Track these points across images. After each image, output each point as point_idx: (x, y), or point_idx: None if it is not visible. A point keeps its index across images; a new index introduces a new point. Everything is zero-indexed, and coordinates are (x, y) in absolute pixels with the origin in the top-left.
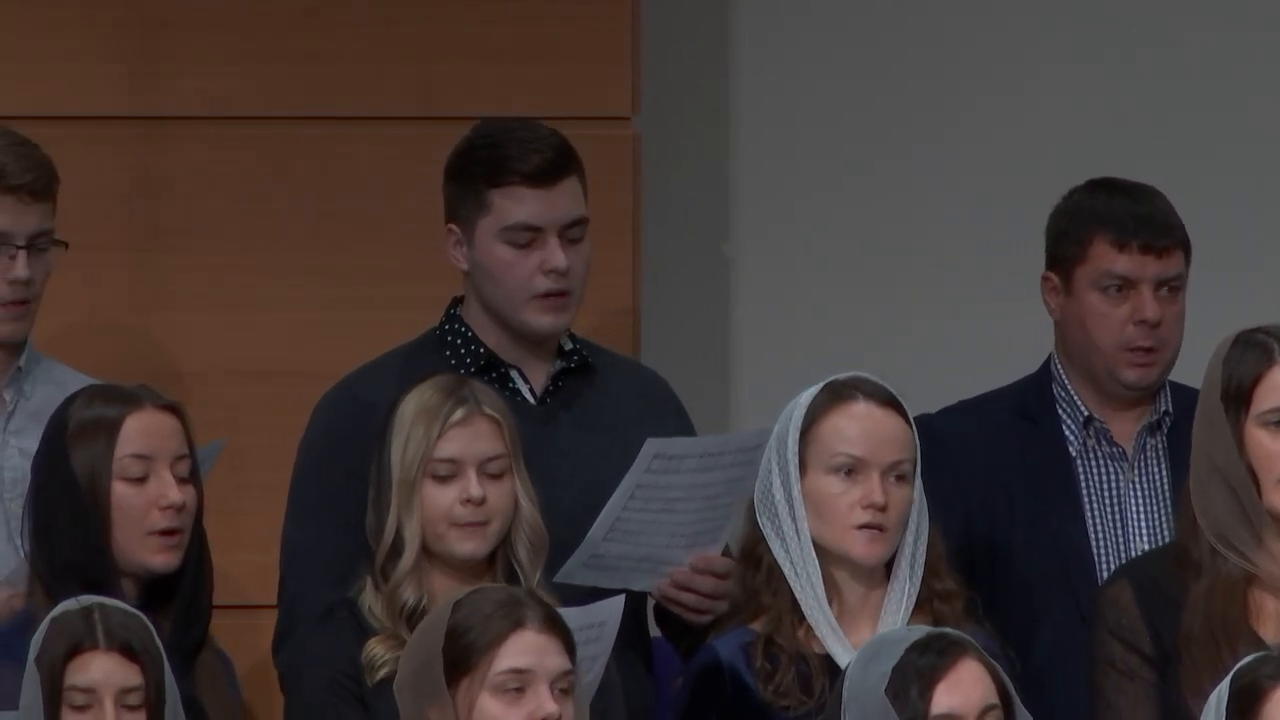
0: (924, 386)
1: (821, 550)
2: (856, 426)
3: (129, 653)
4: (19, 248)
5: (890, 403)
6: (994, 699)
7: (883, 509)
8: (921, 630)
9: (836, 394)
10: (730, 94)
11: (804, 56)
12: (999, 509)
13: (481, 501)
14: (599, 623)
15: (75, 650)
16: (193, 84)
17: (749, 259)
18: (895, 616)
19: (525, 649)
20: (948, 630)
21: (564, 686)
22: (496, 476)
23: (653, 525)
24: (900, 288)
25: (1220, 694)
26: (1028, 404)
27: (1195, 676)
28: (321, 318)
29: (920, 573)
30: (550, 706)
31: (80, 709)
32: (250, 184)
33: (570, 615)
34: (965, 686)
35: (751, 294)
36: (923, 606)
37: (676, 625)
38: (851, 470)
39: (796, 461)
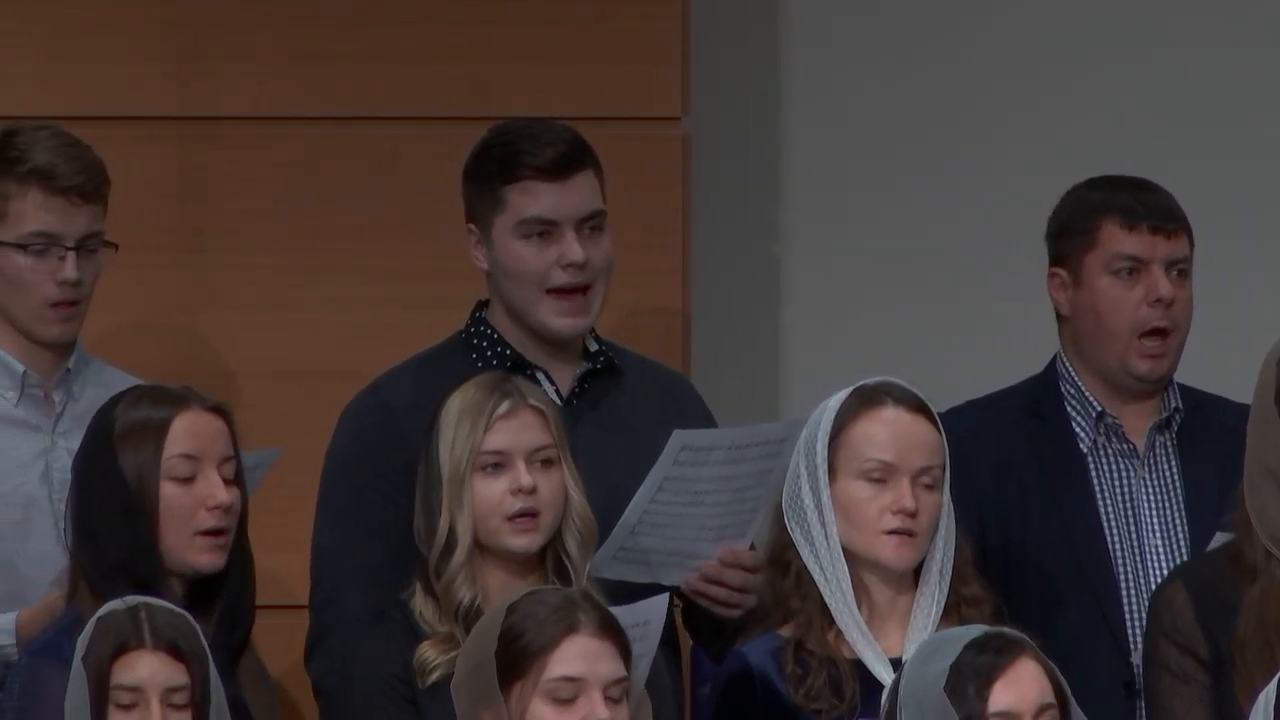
0: (976, 386)
1: (850, 555)
2: (886, 432)
3: (175, 652)
4: (68, 249)
5: (919, 408)
6: (1050, 698)
7: (913, 514)
8: (979, 629)
9: (866, 399)
10: (780, 94)
11: (854, 56)
12: (1012, 507)
13: (532, 490)
14: (643, 622)
15: (122, 649)
16: (241, 84)
17: (798, 259)
18: (925, 622)
19: (578, 655)
20: (1005, 629)
21: (615, 694)
22: (545, 467)
23: (681, 518)
24: (950, 288)
25: (1269, 695)
26: (1037, 402)
27: (1249, 680)
28: (370, 318)
29: (949, 578)
30: (602, 713)
31: (126, 708)
32: (298, 184)
33: (615, 614)
34: (1022, 685)
35: (801, 294)
36: (950, 612)
37: (705, 626)
38: (881, 476)
39: (826, 467)
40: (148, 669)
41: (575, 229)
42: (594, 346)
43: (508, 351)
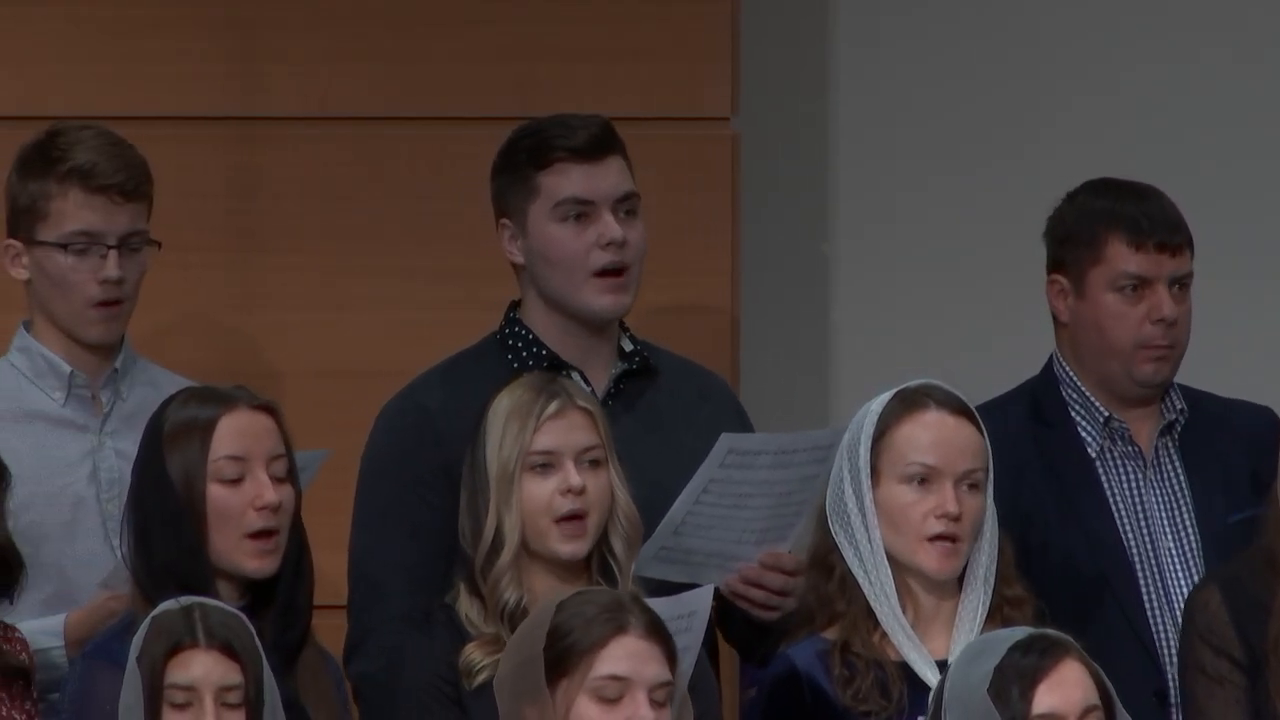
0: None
1: (894, 560)
2: (929, 435)
3: (229, 651)
4: (110, 248)
5: (962, 411)
6: (1095, 700)
7: (956, 519)
8: (1024, 630)
9: (908, 402)
10: (829, 93)
11: (902, 56)
12: (1030, 514)
13: (581, 491)
14: (688, 613)
15: (176, 649)
16: (290, 84)
17: (848, 259)
18: (970, 624)
19: (625, 655)
20: (1049, 631)
21: (660, 698)
22: (593, 468)
23: (724, 520)
24: (1000, 289)
25: None
26: (1040, 407)
27: None
28: (418, 318)
29: (993, 581)
30: (646, 714)
31: (180, 707)
32: (347, 184)
33: (660, 605)
34: (1067, 687)
35: (850, 294)
36: (993, 614)
37: (739, 630)
38: (924, 479)
39: (868, 470)
40: (201, 668)
41: (611, 209)
42: (629, 346)
43: (543, 351)
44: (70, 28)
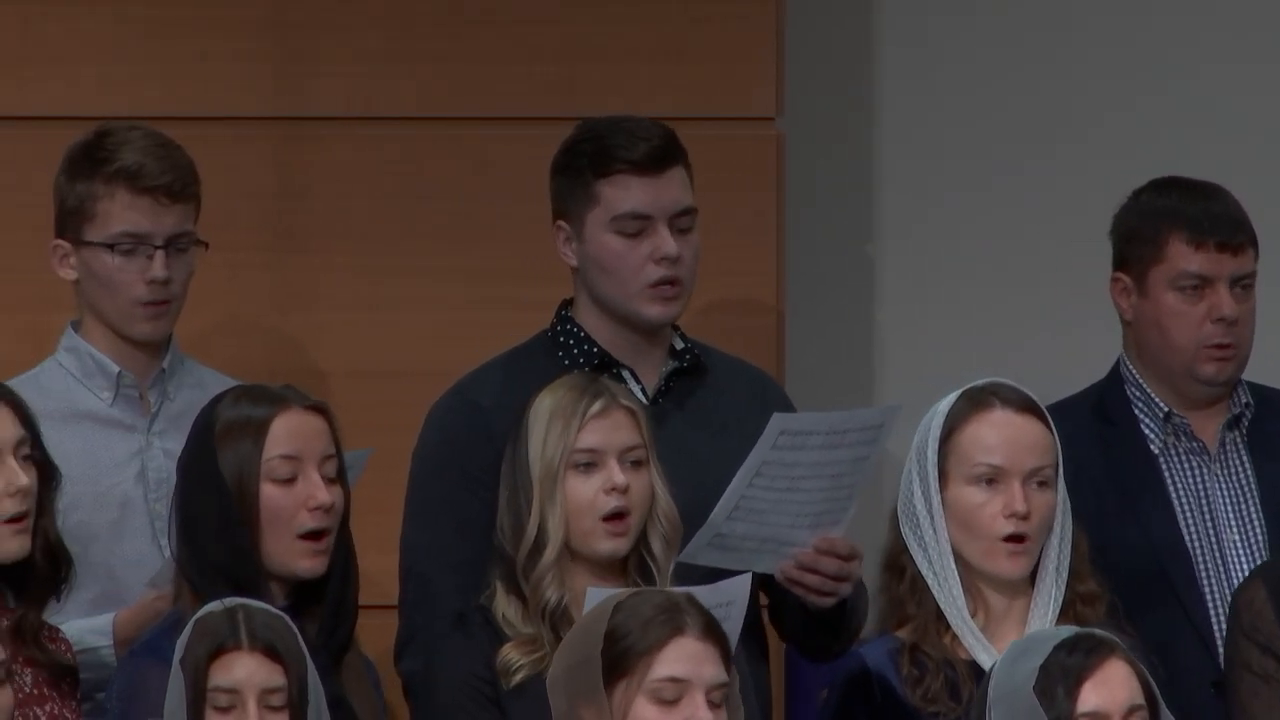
0: (1069, 388)
1: (966, 561)
2: (996, 434)
3: (272, 653)
4: (157, 248)
5: (1029, 408)
6: (1139, 699)
7: (1025, 517)
8: (1069, 630)
9: (974, 401)
10: (874, 94)
11: (948, 56)
12: (1089, 512)
13: (625, 489)
14: (727, 602)
15: (219, 650)
16: (336, 84)
17: (893, 259)
18: (1041, 623)
19: (683, 656)
20: (1094, 630)
21: (717, 699)
22: (635, 467)
23: (777, 504)
24: (1045, 289)
25: None
26: (1104, 406)
27: None
28: (464, 318)
29: (1065, 577)
30: (704, 715)
31: (224, 709)
32: (393, 184)
33: (698, 595)
34: (1111, 686)
35: (895, 294)
36: (1065, 610)
37: (793, 622)
38: (992, 479)
39: (936, 472)
40: (244, 670)
41: (668, 224)
42: (680, 345)
43: (594, 350)
44: (116, 29)
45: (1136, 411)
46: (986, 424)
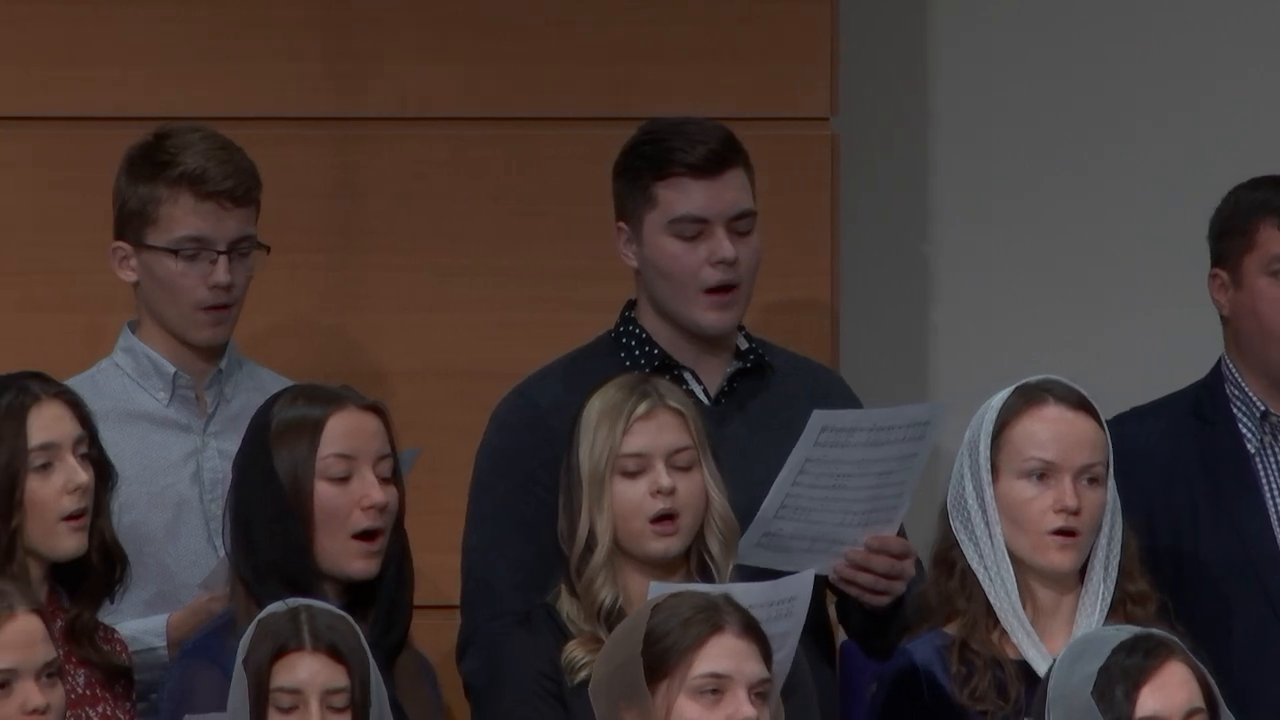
0: (1122, 387)
1: (1014, 556)
2: (1048, 430)
3: (335, 654)
4: (220, 253)
5: (1082, 405)
6: (1199, 702)
7: (1075, 513)
8: (1128, 631)
9: (1027, 397)
10: (928, 94)
11: (1001, 57)
12: (1181, 512)
13: (671, 492)
14: (789, 598)
15: (282, 651)
16: (391, 85)
17: (947, 259)
18: (1089, 620)
19: (724, 653)
20: (1154, 631)
21: (760, 692)
22: (685, 469)
23: (824, 502)
24: (1098, 288)
25: None
26: (1202, 405)
27: None
28: (519, 318)
29: (1114, 575)
30: (748, 710)
31: (286, 710)
32: (445, 185)
33: (760, 590)
34: (1171, 689)
35: (949, 294)
36: (1115, 609)
37: (856, 620)
38: (1043, 474)
39: (988, 466)
40: (307, 671)
41: (726, 227)
42: (744, 345)
43: (656, 351)
44: (171, 29)
45: (1235, 410)
46: (1039, 419)
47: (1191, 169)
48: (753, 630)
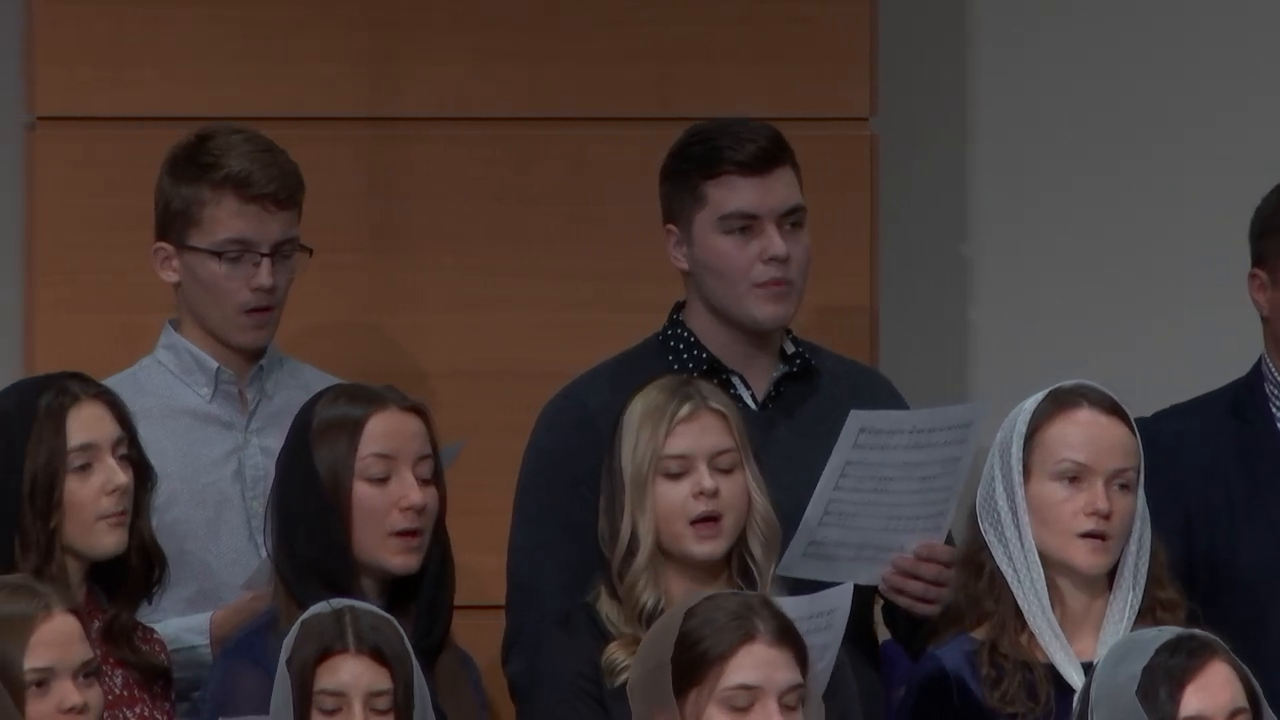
0: (1162, 386)
1: (1044, 558)
2: (1081, 433)
3: (379, 656)
4: (263, 255)
5: (1115, 410)
6: (1243, 702)
7: (1106, 516)
8: (1172, 631)
9: (1061, 401)
10: (968, 94)
11: (1042, 56)
12: (1219, 510)
13: (714, 494)
14: (828, 610)
15: (325, 653)
16: (431, 85)
17: (987, 259)
18: (1118, 625)
19: (755, 663)
20: (1197, 631)
21: (791, 701)
22: (727, 471)
23: (867, 507)
24: (1139, 289)
25: None
26: (1241, 404)
27: None
28: (559, 318)
29: (1143, 581)
30: None
31: (330, 713)
32: (488, 185)
33: (800, 603)
34: (1214, 689)
35: (989, 294)
36: (1145, 616)
37: (905, 623)
38: (1075, 477)
39: (1020, 468)
40: (350, 673)
41: (776, 224)
42: (790, 348)
43: (704, 354)
44: (211, 29)
45: (1273, 409)
46: (1073, 422)
47: (1233, 169)
48: (788, 635)
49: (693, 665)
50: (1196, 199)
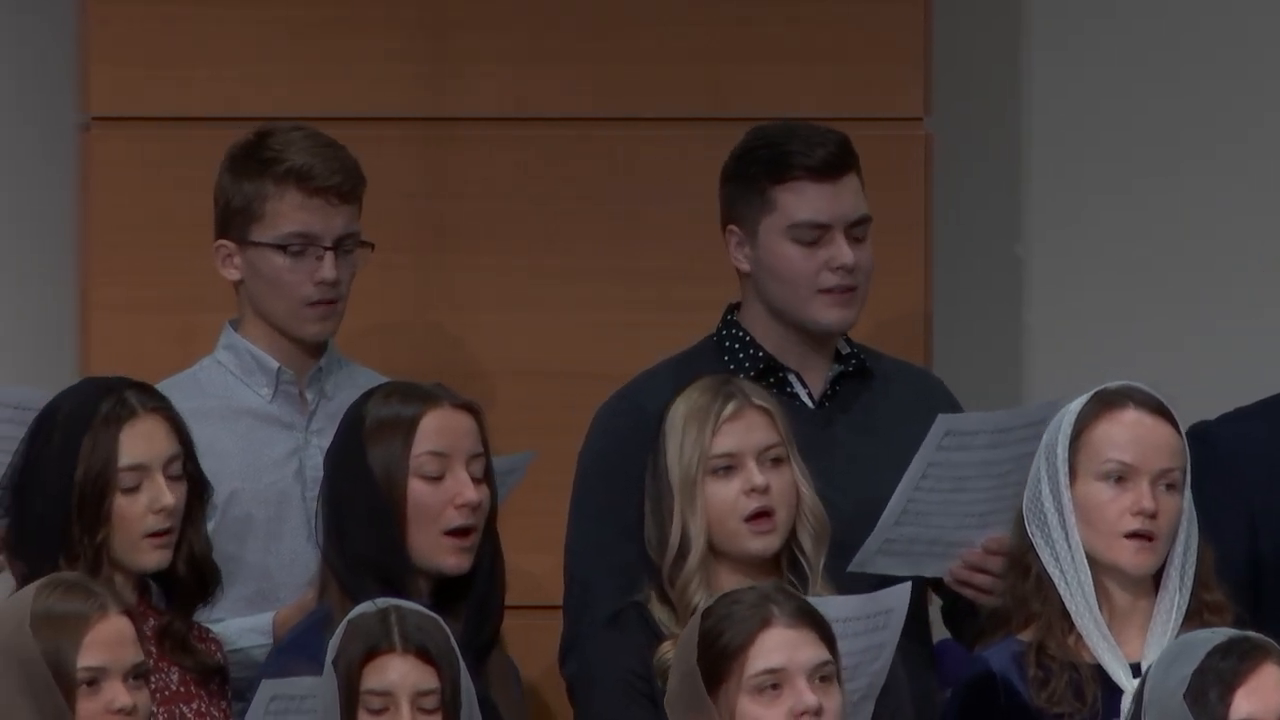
0: (1217, 388)
1: (1090, 559)
2: (1127, 434)
3: (425, 656)
4: (326, 249)
5: (1160, 411)
6: None
7: (1152, 516)
8: (1224, 633)
9: (1107, 402)
10: (1022, 94)
11: (1096, 56)
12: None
13: (766, 489)
14: (885, 610)
15: (372, 653)
16: (485, 85)
17: (1040, 260)
18: (1165, 627)
19: (776, 646)
20: (1250, 634)
21: (824, 674)
22: (776, 466)
23: (944, 506)
24: (1192, 289)
25: None
26: None
27: None
28: (612, 319)
29: (1190, 583)
30: (809, 699)
31: (376, 712)
32: (541, 185)
33: (854, 604)
34: (1265, 692)
35: (1043, 295)
36: (1192, 618)
37: (966, 623)
38: (1121, 477)
39: (1066, 469)
40: (397, 673)
41: (845, 232)
42: (846, 349)
43: (760, 354)
44: (267, 30)
45: None
46: (1119, 423)
47: None
48: (806, 614)
49: (718, 662)
50: (1252, 200)
